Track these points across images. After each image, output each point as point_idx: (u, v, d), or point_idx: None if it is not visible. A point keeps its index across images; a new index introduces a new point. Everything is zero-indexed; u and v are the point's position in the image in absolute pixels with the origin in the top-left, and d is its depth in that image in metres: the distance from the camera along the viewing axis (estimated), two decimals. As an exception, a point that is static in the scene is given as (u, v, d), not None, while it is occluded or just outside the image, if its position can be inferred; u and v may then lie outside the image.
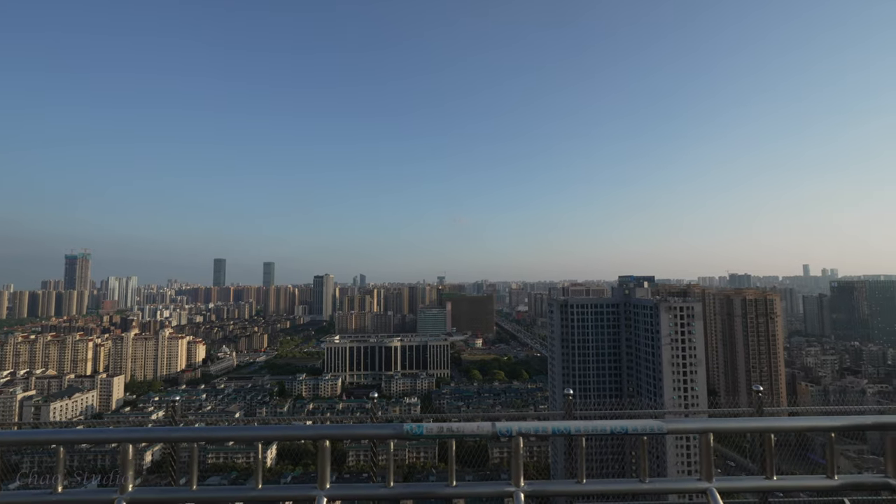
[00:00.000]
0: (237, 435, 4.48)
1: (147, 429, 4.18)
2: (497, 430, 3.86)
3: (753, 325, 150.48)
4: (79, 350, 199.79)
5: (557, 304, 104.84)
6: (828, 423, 4.42)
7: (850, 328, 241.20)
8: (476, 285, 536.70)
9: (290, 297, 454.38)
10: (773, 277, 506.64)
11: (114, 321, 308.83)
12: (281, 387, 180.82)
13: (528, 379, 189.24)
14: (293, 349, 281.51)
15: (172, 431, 4.62)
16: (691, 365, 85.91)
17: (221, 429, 4.65)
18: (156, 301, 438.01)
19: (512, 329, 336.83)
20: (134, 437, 3.98)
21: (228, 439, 4.37)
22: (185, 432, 4.46)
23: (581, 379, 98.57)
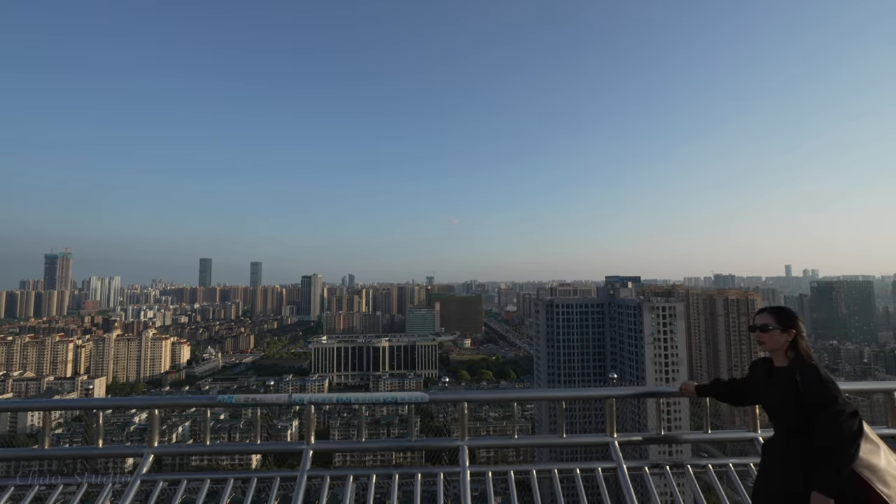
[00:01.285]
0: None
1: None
2: (292, 400, 4.60)
3: (735, 324, 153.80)
4: (59, 351, 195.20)
5: (543, 304, 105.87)
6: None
7: (829, 327, 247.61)
8: (465, 285, 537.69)
9: (278, 297, 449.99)
10: (756, 278, 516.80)
11: (96, 322, 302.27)
12: (267, 388, 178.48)
13: (515, 378, 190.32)
14: (280, 350, 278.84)
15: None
16: (673, 364, 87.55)
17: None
18: (139, 301, 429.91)
19: (501, 329, 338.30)
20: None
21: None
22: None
23: (566, 377, 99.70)
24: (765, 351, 3.93)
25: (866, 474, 3.30)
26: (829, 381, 3.48)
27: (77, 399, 6.12)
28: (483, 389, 16.61)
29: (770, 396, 3.80)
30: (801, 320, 3.90)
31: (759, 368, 4.06)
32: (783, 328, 3.77)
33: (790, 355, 3.74)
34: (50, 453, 4.71)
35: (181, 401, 5.95)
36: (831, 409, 3.35)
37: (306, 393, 4.64)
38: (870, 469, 3.32)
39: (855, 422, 3.34)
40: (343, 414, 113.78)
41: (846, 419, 3.31)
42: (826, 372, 3.56)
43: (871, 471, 3.31)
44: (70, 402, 5.45)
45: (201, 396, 4.83)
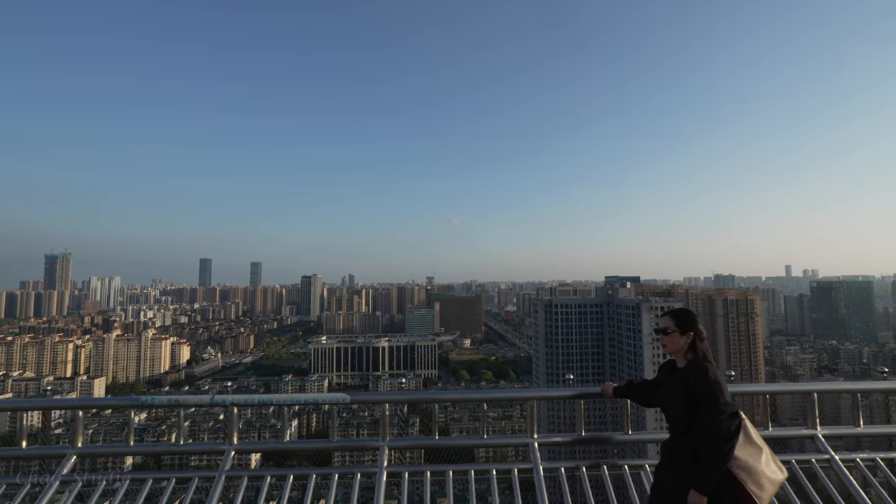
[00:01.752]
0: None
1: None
2: (214, 401, 4.63)
3: (734, 324, 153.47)
4: (58, 351, 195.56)
5: (542, 304, 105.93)
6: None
7: (828, 327, 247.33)
8: (465, 285, 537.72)
9: (278, 297, 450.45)
10: (756, 278, 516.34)
11: (95, 322, 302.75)
12: (267, 388, 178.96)
13: (515, 379, 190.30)
14: (280, 350, 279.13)
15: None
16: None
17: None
18: (139, 301, 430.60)
19: (500, 329, 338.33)
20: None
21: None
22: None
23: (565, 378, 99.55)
24: (667, 353, 4.02)
25: (742, 475, 3.39)
26: (714, 381, 3.54)
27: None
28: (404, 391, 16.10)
29: (665, 397, 3.92)
30: (700, 323, 3.98)
31: (664, 370, 4.16)
32: (682, 331, 3.86)
33: (689, 357, 3.84)
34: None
35: (104, 402, 5.98)
36: (711, 408, 3.43)
37: (224, 395, 4.65)
38: (746, 470, 3.41)
39: (733, 423, 3.42)
40: (342, 414, 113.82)
41: (725, 419, 3.39)
42: (716, 373, 3.64)
43: (748, 472, 3.41)
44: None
45: (122, 398, 4.82)
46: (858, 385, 6.06)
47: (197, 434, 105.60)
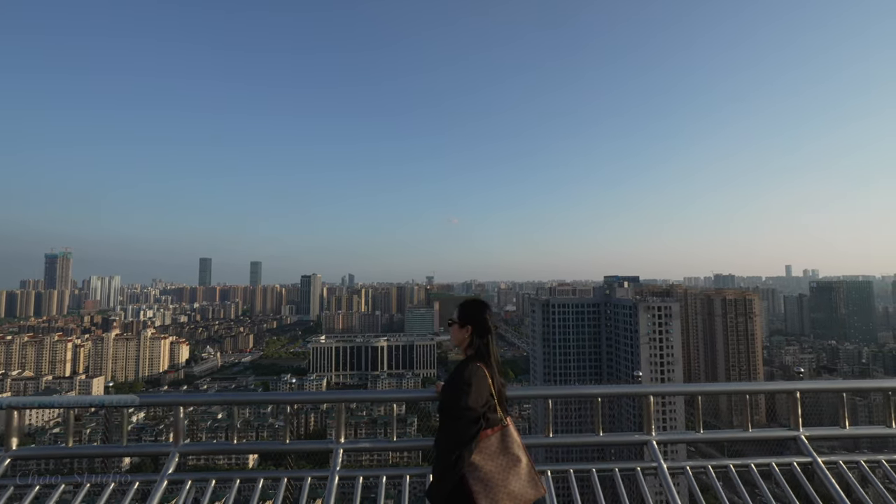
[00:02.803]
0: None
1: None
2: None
3: (733, 324, 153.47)
4: (57, 351, 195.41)
5: (539, 303, 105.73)
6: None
7: (828, 327, 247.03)
8: (465, 285, 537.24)
9: (277, 296, 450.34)
10: (756, 278, 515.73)
11: (95, 321, 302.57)
12: (265, 387, 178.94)
13: (514, 378, 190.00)
14: (279, 349, 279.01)
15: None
16: (669, 364, 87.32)
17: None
18: (139, 301, 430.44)
19: (500, 329, 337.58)
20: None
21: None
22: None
23: (562, 377, 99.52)
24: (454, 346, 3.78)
25: (477, 487, 3.05)
26: (462, 382, 3.19)
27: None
28: (217, 393, 14.02)
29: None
30: (488, 315, 3.68)
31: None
32: (461, 323, 3.62)
33: (469, 353, 3.55)
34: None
35: None
36: (448, 412, 3.17)
37: (6, 397, 4.61)
38: (484, 483, 3.07)
39: (468, 430, 3.09)
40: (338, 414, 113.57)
41: (460, 425, 3.09)
42: (474, 373, 3.27)
43: (484, 485, 3.07)
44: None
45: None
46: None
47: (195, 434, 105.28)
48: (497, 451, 3.20)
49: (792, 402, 5.29)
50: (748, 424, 5.20)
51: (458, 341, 3.67)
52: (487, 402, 3.26)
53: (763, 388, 6.39)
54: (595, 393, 5.19)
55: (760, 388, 6.26)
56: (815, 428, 5.17)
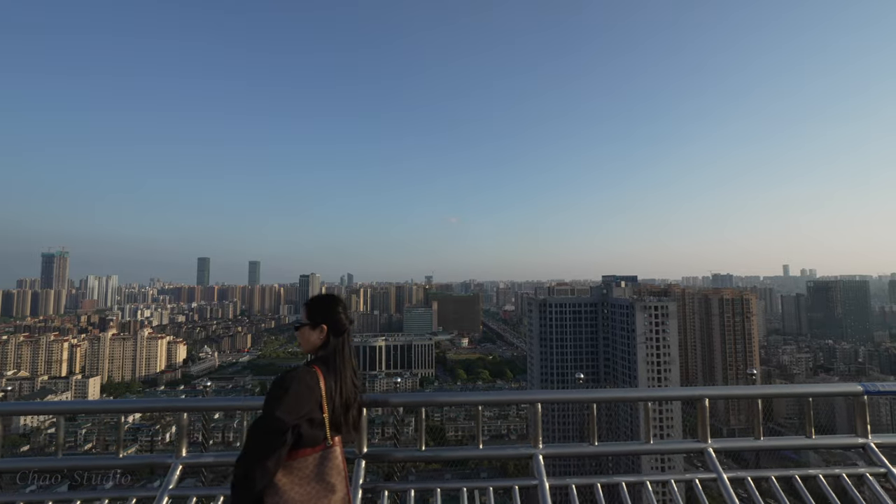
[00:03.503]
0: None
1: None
2: None
3: (730, 323, 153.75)
4: (53, 351, 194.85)
5: (536, 303, 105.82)
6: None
7: (825, 327, 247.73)
8: (464, 285, 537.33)
9: (276, 296, 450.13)
10: (754, 277, 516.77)
11: (92, 321, 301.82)
12: (263, 387, 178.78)
13: (512, 378, 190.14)
14: (277, 349, 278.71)
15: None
16: (665, 363, 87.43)
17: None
18: (137, 300, 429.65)
19: (498, 328, 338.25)
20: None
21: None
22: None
23: (559, 376, 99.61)
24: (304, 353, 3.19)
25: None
26: (279, 387, 2.70)
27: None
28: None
29: None
30: (342, 311, 3.17)
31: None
32: (313, 323, 3.11)
33: (320, 354, 3.08)
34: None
35: None
36: (254, 422, 2.66)
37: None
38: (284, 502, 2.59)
39: (268, 443, 2.57)
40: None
41: (260, 437, 2.57)
42: (296, 378, 2.76)
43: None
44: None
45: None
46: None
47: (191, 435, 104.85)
48: (311, 475, 2.70)
49: (700, 410, 4.78)
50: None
51: (309, 346, 3.12)
52: (309, 414, 2.73)
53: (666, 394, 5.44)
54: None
55: (669, 395, 5.35)
56: (724, 440, 4.75)
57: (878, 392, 4.76)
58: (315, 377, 2.84)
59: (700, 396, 4.67)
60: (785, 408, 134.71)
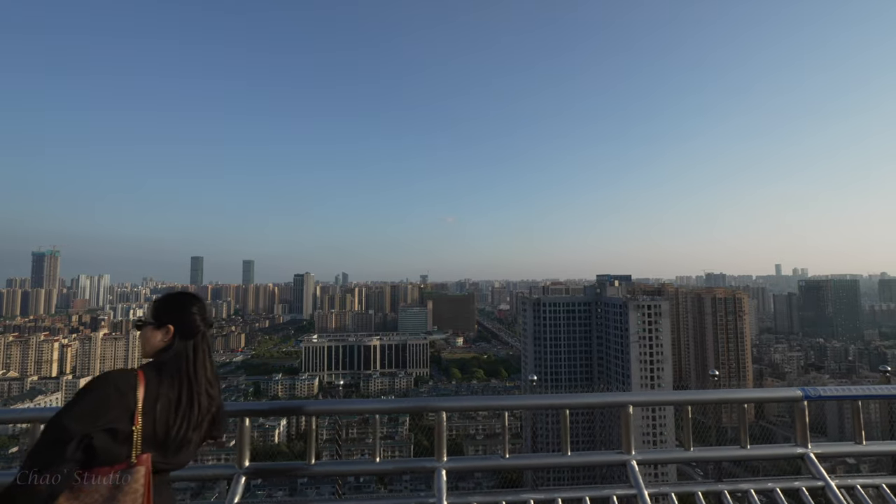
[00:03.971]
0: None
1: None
2: None
3: (723, 322, 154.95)
4: (43, 351, 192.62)
5: (530, 302, 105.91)
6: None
7: (816, 326, 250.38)
8: (459, 284, 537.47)
9: (270, 295, 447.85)
10: (747, 277, 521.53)
11: (83, 321, 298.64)
12: (256, 387, 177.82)
13: (506, 377, 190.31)
14: (271, 349, 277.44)
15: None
16: (658, 361, 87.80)
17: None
18: (130, 300, 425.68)
19: (493, 327, 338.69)
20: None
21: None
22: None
23: (553, 375, 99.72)
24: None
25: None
26: (81, 391, 2.26)
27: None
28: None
29: None
30: (196, 310, 2.75)
31: None
32: (158, 323, 2.71)
33: (163, 358, 2.70)
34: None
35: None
36: (43, 430, 2.19)
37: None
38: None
39: (44, 454, 2.07)
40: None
41: (37, 448, 2.10)
42: (100, 382, 2.32)
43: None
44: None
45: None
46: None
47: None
48: (103, 500, 2.18)
49: (624, 418, 4.42)
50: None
51: (150, 348, 2.71)
52: (109, 424, 2.24)
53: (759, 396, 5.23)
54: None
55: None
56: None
57: (819, 397, 4.48)
58: (131, 382, 2.40)
59: (623, 403, 4.37)
60: (776, 405, 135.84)
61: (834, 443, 4.72)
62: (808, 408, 4.58)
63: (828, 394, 4.55)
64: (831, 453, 4.51)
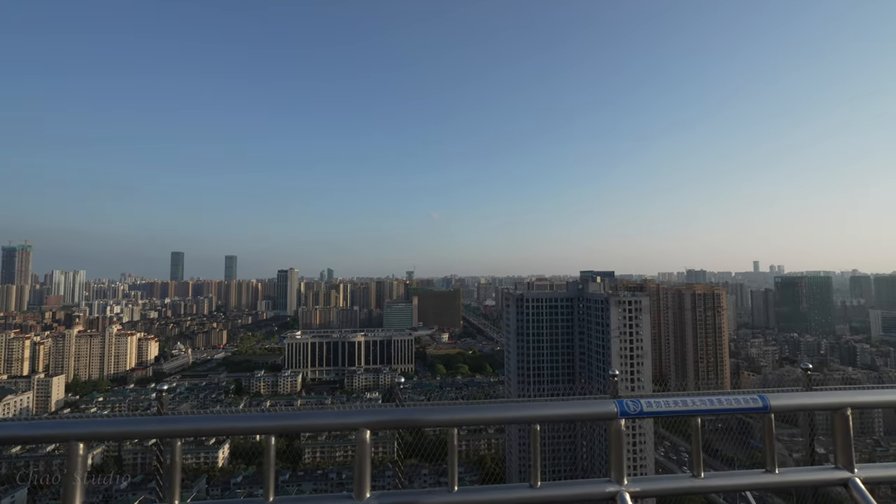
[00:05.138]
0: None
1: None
2: None
3: (702, 318, 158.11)
4: (14, 349, 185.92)
5: (513, 298, 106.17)
6: (531, 414, 3.55)
7: (791, 321, 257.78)
8: (445, 280, 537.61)
9: (253, 291, 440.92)
10: (726, 273, 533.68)
11: (57, 318, 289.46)
12: (238, 384, 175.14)
13: (491, 372, 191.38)
14: (254, 345, 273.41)
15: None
16: (638, 357, 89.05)
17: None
18: (107, 296, 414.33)
19: (479, 323, 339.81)
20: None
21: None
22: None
23: (535, 370, 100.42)
24: None
25: None
26: None
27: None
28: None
29: None
30: None
31: None
32: None
33: None
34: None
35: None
36: None
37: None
38: None
39: None
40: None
41: None
42: None
43: None
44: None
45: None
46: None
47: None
48: None
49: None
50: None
51: None
52: None
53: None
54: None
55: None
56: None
57: (639, 414, 3.48)
58: None
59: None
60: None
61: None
62: (623, 427, 3.52)
63: (650, 410, 3.54)
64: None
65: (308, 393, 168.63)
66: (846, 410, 3.54)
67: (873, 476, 3.48)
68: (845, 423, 3.56)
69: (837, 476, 3.50)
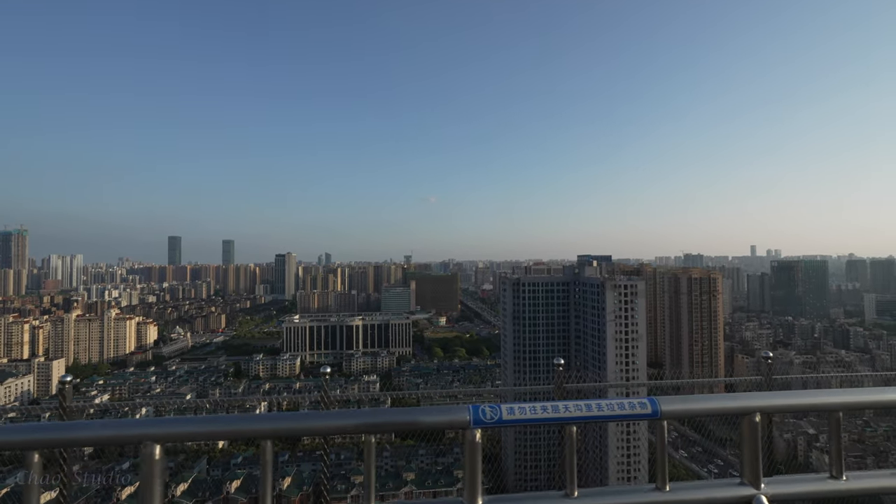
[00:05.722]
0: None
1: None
2: None
3: (697, 302, 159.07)
4: (13, 333, 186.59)
5: (510, 282, 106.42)
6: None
7: (787, 304, 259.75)
8: (443, 264, 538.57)
9: (251, 275, 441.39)
10: (723, 257, 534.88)
11: (55, 302, 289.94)
12: (237, 367, 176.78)
13: (488, 356, 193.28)
14: (252, 329, 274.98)
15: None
16: (633, 340, 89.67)
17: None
18: (104, 281, 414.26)
19: (476, 307, 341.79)
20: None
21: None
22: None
23: (531, 354, 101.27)
24: None
25: None
26: None
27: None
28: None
29: None
30: None
31: None
32: None
33: None
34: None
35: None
36: None
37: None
38: None
39: None
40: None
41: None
42: None
43: None
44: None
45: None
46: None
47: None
48: None
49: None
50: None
51: None
52: None
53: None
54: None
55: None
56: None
57: (497, 423, 2.97)
58: None
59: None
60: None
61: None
62: (477, 437, 3.03)
63: (512, 416, 3.03)
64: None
65: (307, 376, 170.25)
66: (754, 416, 3.06)
67: (782, 493, 3.02)
68: (754, 430, 3.07)
69: (741, 493, 3.03)
